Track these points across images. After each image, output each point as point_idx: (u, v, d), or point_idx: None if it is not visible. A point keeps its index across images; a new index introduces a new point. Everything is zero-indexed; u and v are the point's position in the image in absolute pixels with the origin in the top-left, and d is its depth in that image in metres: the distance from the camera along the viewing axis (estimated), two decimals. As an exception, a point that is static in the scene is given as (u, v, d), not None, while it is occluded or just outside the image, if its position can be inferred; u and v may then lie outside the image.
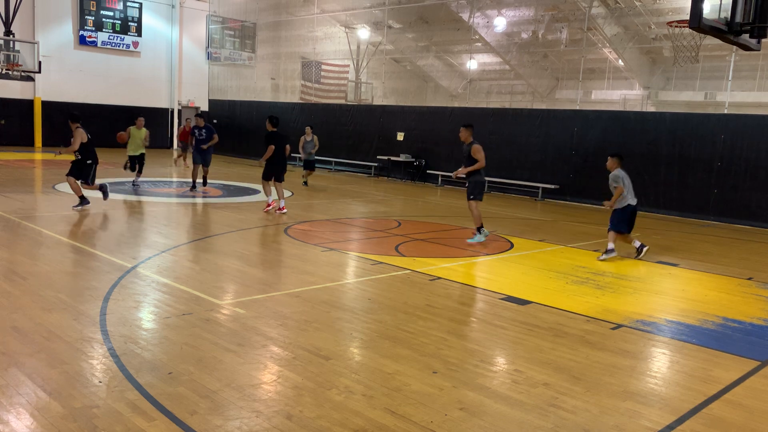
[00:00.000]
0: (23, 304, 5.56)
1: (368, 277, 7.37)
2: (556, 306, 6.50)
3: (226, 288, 6.62)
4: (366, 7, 24.87)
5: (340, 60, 27.50)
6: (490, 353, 5.07)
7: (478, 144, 9.95)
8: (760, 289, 7.84)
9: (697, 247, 10.87)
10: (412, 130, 20.84)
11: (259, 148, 29.80)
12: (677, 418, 4.01)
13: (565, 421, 3.87)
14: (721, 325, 6.19)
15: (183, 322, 5.28)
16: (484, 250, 9.44)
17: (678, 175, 15.07)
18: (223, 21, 29.22)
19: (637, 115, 16.57)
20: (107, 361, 4.38)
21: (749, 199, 14.04)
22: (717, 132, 14.50)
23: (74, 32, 26.25)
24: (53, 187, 13.66)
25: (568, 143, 16.99)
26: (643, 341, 5.57)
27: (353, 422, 3.69)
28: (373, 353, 4.86)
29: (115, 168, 18.66)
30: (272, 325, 5.34)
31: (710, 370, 4.91)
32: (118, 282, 6.42)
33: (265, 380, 4.24)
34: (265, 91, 28.14)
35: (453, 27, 24.03)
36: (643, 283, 7.80)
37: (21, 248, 7.73)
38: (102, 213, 10.75)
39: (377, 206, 13.94)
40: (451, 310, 6.17)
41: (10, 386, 3.91)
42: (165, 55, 29.31)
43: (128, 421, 3.55)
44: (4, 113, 24.75)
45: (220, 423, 3.60)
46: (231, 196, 13.92)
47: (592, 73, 24.66)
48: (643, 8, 20.73)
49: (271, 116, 11.86)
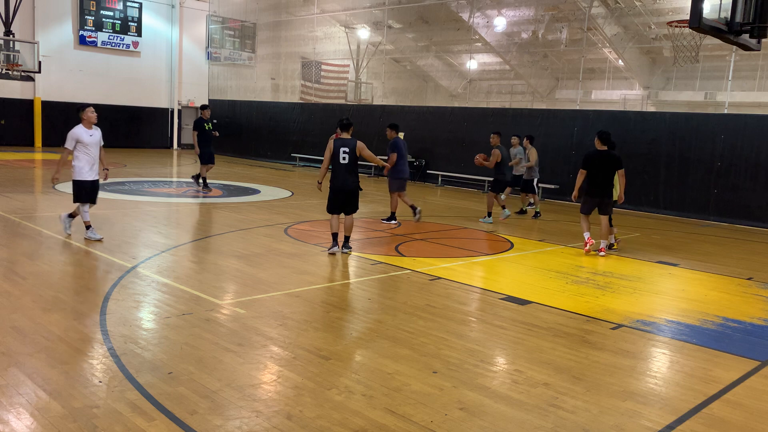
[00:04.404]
0: (23, 304, 5.56)
1: (368, 277, 7.37)
2: (556, 306, 6.50)
3: (226, 288, 6.62)
4: (366, 7, 24.87)
5: (340, 60, 27.51)
6: (490, 353, 5.07)
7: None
8: (760, 289, 7.84)
9: (697, 247, 10.87)
10: (412, 130, 20.84)
11: (259, 148, 29.62)
12: (677, 418, 4.01)
13: (565, 421, 3.87)
14: (721, 325, 6.19)
15: (183, 322, 5.28)
16: (485, 250, 9.44)
17: (678, 175, 15.07)
18: (223, 21, 29.22)
19: (637, 115, 16.57)
20: (107, 361, 4.38)
21: (749, 199, 14.04)
22: (717, 132, 14.50)
23: (74, 32, 26.24)
24: (53, 187, 13.65)
25: (568, 143, 16.99)
26: (643, 341, 5.57)
27: (353, 422, 3.69)
28: (373, 353, 4.86)
29: (116, 168, 18.66)
30: (272, 325, 5.34)
31: (710, 370, 4.91)
32: (118, 282, 6.42)
33: (265, 380, 4.24)
34: (265, 91, 28.14)
35: (453, 27, 24.03)
36: (643, 283, 7.80)
37: (21, 248, 7.73)
38: (102, 213, 10.74)
39: (377, 206, 13.94)
40: (451, 310, 6.17)
41: (10, 386, 3.91)
42: (165, 55, 29.31)
43: (128, 421, 3.55)
44: (4, 113, 24.74)
45: (220, 423, 3.60)
46: (231, 196, 13.93)
47: (592, 73, 24.67)
48: (643, 8, 20.73)
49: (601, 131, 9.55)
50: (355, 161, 8.34)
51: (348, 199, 8.41)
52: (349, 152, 8.29)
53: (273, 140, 25.48)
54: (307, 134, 23.99)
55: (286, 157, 24.86)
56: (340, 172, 8.30)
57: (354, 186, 8.41)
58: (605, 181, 9.27)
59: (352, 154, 8.30)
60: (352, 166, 8.34)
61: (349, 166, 8.30)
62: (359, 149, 8.33)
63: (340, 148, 8.28)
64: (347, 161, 8.27)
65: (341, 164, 8.27)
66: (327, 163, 8.37)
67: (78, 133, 8.03)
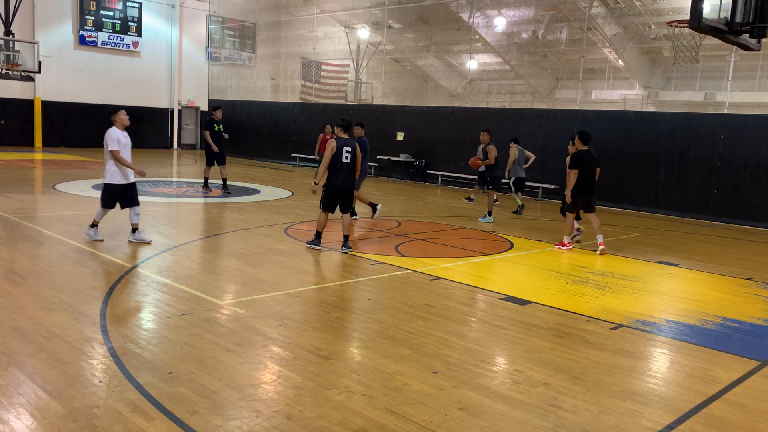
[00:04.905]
0: (23, 304, 5.56)
1: (368, 277, 7.37)
2: (556, 306, 6.50)
3: (226, 288, 6.62)
4: (366, 7, 24.87)
5: (340, 60, 27.50)
6: (490, 353, 5.07)
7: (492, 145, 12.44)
8: (760, 289, 7.84)
9: (697, 247, 10.87)
10: (412, 130, 20.84)
11: (259, 148, 29.61)
12: (677, 418, 4.01)
13: (565, 421, 3.87)
14: (721, 325, 6.19)
15: (183, 322, 5.28)
16: (485, 250, 9.44)
17: (678, 175, 15.07)
18: (223, 21, 29.22)
19: (637, 115, 16.57)
20: (107, 361, 4.38)
21: (749, 199, 14.04)
22: (717, 132, 14.50)
23: (74, 32, 26.24)
24: (53, 187, 13.66)
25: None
26: (643, 341, 5.57)
27: (353, 422, 3.69)
28: (373, 353, 4.86)
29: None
30: (272, 325, 5.34)
31: (710, 370, 4.91)
32: (118, 282, 6.42)
33: (265, 380, 4.24)
34: (265, 91, 28.14)
35: (453, 27, 24.03)
36: (643, 283, 7.80)
37: (21, 248, 7.73)
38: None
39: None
40: (451, 310, 6.17)
41: (10, 386, 3.91)
42: (165, 55, 29.30)
43: (128, 421, 3.55)
44: (4, 113, 24.74)
45: (220, 423, 3.60)
46: (231, 196, 13.92)
47: (592, 73, 24.66)
48: (643, 8, 20.73)
49: (582, 131, 9.82)
50: (354, 161, 8.50)
51: (347, 198, 8.59)
52: (351, 152, 8.46)
53: (273, 140, 25.49)
54: (307, 134, 23.98)
55: (286, 157, 24.87)
56: (342, 171, 8.42)
57: (353, 185, 8.64)
58: (593, 180, 9.68)
59: (353, 153, 8.46)
60: (353, 166, 8.49)
61: (351, 165, 8.46)
62: (357, 149, 8.57)
63: (343, 148, 8.38)
64: (349, 160, 8.42)
65: (344, 163, 8.41)
66: (328, 163, 8.41)
67: (117, 134, 8.03)
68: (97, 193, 11.36)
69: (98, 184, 11.19)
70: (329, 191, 8.53)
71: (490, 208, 12.41)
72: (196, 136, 30.64)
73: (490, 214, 12.30)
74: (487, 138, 12.45)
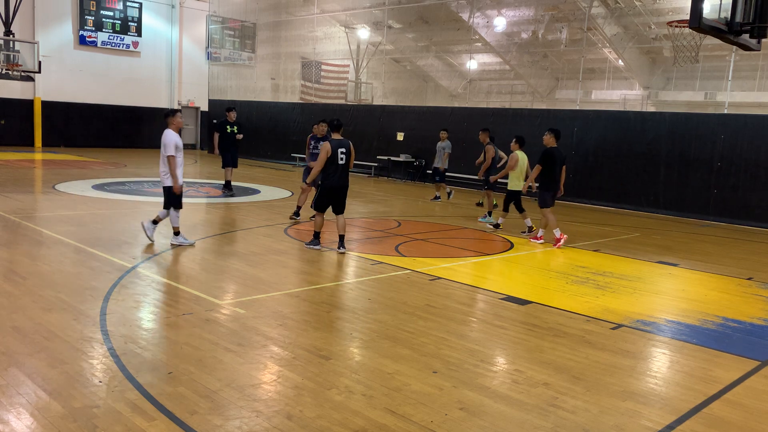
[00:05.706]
0: (23, 304, 5.56)
1: (368, 277, 7.37)
2: (556, 306, 6.50)
3: (226, 288, 6.62)
4: (366, 7, 24.86)
5: (340, 60, 27.49)
6: (490, 353, 5.07)
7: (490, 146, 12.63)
8: (760, 289, 7.84)
9: (697, 247, 10.87)
10: (412, 130, 20.83)
11: (259, 149, 29.62)
12: (677, 418, 4.01)
13: (565, 421, 3.87)
14: (721, 325, 6.19)
15: (183, 322, 5.28)
16: (485, 250, 9.44)
17: (678, 175, 15.07)
18: (223, 21, 29.21)
19: (637, 115, 16.57)
20: (107, 361, 4.38)
21: (749, 199, 14.04)
22: (717, 132, 14.50)
23: (74, 32, 26.23)
24: (53, 187, 13.65)
25: (568, 143, 16.95)
26: (643, 341, 5.57)
27: (353, 422, 3.69)
28: (373, 353, 4.86)
29: (116, 168, 18.67)
30: (272, 325, 5.34)
31: (710, 370, 4.91)
32: (118, 282, 6.42)
33: (265, 380, 4.24)
34: (265, 91, 28.13)
35: (453, 27, 24.01)
36: (643, 283, 7.80)
37: (21, 248, 7.73)
38: (102, 213, 10.74)
39: (377, 206, 13.94)
40: (451, 310, 6.17)
41: (10, 386, 3.91)
42: (165, 55, 29.30)
43: (128, 421, 3.55)
44: (4, 113, 24.74)
45: (220, 423, 3.60)
46: (231, 196, 13.92)
47: (592, 73, 24.65)
48: (643, 8, 20.72)
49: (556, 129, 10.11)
50: (349, 161, 8.59)
51: (342, 199, 8.66)
52: (346, 153, 8.52)
53: (273, 140, 25.47)
54: (307, 134, 23.88)
55: (286, 157, 24.85)
56: (338, 171, 8.46)
57: (347, 185, 8.71)
58: (559, 176, 10.07)
59: (347, 154, 8.53)
60: (347, 166, 8.58)
61: (346, 166, 8.54)
62: (352, 150, 8.65)
63: (338, 149, 8.40)
64: (344, 161, 8.50)
65: (339, 164, 8.45)
66: (323, 164, 8.41)
67: (175, 139, 8.14)
68: (97, 193, 11.37)
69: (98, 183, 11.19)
70: (323, 191, 8.57)
71: (490, 209, 12.44)
72: (196, 137, 30.63)
73: (490, 215, 12.31)
74: (486, 138, 12.52)
